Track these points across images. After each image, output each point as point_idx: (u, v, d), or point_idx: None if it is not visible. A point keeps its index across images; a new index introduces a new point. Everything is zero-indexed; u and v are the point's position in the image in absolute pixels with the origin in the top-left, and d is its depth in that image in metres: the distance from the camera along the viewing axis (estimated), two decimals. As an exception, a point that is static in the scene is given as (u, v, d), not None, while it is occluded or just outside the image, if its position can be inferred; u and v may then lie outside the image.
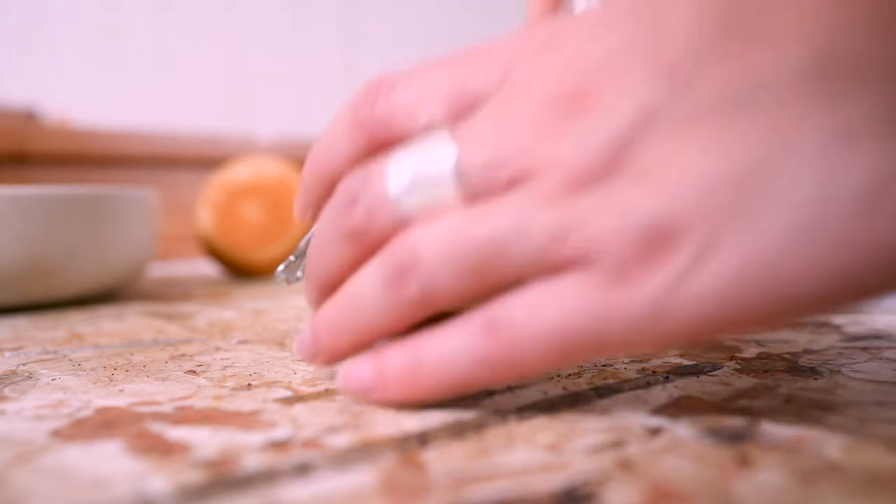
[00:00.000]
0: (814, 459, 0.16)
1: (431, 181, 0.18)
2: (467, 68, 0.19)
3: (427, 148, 0.18)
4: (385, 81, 0.20)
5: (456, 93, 0.19)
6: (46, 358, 0.27)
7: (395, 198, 0.18)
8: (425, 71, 0.20)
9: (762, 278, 0.14)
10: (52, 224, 0.39)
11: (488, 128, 0.17)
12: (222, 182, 0.58)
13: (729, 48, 0.15)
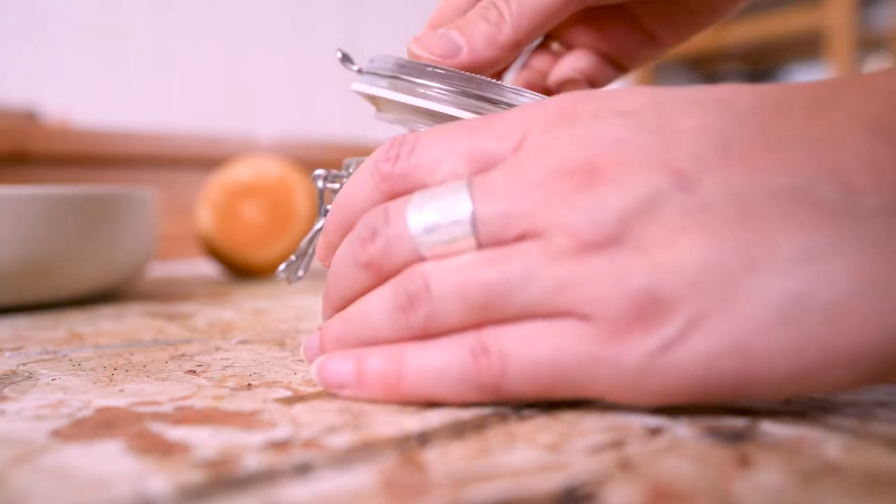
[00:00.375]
0: (814, 459, 0.16)
1: (448, 224, 0.20)
2: (485, 133, 0.21)
3: (446, 195, 0.20)
4: (408, 140, 0.22)
5: (473, 153, 0.21)
6: (46, 358, 0.27)
7: (413, 236, 0.20)
8: (445, 133, 0.22)
9: (737, 359, 0.17)
10: (52, 224, 0.39)
11: (504, 185, 0.19)
12: (222, 182, 0.58)
13: (727, 161, 0.18)
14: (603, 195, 0.18)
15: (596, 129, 0.19)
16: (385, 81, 0.26)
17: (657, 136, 0.19)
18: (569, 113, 0.20)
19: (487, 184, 0.20)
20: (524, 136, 0.20)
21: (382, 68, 0.26)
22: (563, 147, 0.19)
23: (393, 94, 0.26)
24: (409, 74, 0.25)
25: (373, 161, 0.22)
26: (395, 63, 0.26)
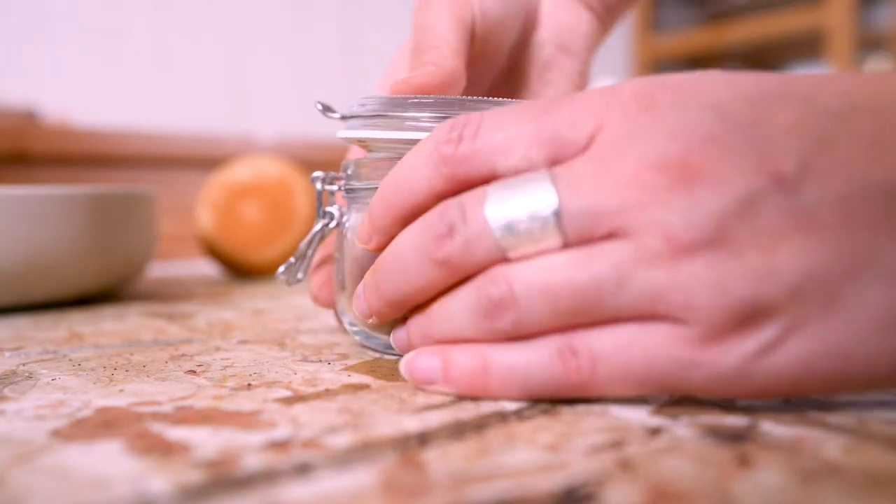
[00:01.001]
0: (814, 459, 0.16)
1: (531, 221, 0.19)
2: (555, 118, 0.20)
3: (527, 189, 0.19)
4: (471, 121, 0.21)
5: (545, 138, 0.20)
6: (46, 358, 0.27)
7: (495, 234, 0.20)
8: (509, 114, 0.21)
9: (835, 362, 0.17)
10: (52, 224, 0.39)
11: (591, 179, 0.19)
12: (222, 182, 0.58)
13: (827, 163, 0.17)
14: (700, 195, 0.17)
15: (684, 121, 0.18)
16: (371, 122, 0.26)
17: (752, 132, 0.18)
18: (647, 100, 0.19)
19: (572, 175, 0.19)
20: (600, 124, 0.19)
21: (365, 110, 0.26)
22: (652, 139, 0.18)
23: (382, 133, 0.26)
24: (393, 110, 0.26)
25: (432, 142, 0.21)
26: (377, 102, 0.26)
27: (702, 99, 0.19)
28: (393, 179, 0.22)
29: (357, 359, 0.26)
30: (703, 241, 0.17)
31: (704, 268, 0.17)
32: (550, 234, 0.19)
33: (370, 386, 0.22)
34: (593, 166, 0.19)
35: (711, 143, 0.18)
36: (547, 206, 0.19)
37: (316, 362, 0.26)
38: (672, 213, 0.18)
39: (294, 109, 1.76)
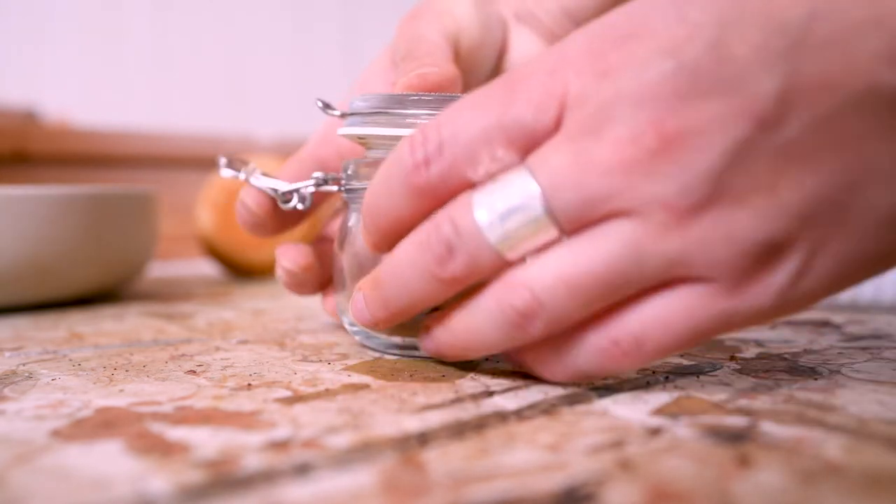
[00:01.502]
0: (814, 459, 0.16)
1: (523, 221, 0.19)
2: (516, 107, 0.19)
3: (510, 191, 0.19)
4: (429, 138, 0.20)
5: (511, 132, 0.19)
6: (46, 358, 0.27)
7: (494, 243, 0.19)
8: (467, 114, 0.20)
9: (860, 267, 0.18)
10: (52, 224, 0.39)
11: (572, 168, 0.18)
12: (222, 182, 0.58)
13: (801, 87, 0.17)
14: (686, 158, 0.17)
15: (645, 82, 0.18)
16: (371, 119, 0.26)
17: (718, 75, 0.17)
18: (601, 63, 0.18)
19: (551, 167, 0.18)
20: (562, 102, 0.19)
21: (365, 107, 0.26)
22: (620, 112, 0.18)
23: (382, 130, 0.26)
24: (393, 107, 0.26)
25: (399, 171, 0.21)
26: (377, 99, 0.26)
27: (656, 46, 0.18)
28: (372, 209, 0.22)
29: (357, 359, 0.27)
30: (703, 201, 0.18)
31: (713, 224, 0.18)
32: (545, 227, 0.19)
33: (370, 386, 0.22)
34: (571, 154, 0.18)
35: (681, 100, 0.17)
36: (534, 203, 0.19)
37: (316, 362, 0.26)
38: (664, 184, 0.18)
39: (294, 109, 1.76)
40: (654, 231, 0.18)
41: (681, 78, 0.18)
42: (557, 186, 0.18)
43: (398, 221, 0.22)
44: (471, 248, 0.20)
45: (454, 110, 0.20)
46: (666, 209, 0.18)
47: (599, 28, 0.19)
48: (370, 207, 0.23)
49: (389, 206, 0.22)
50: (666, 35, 0.18)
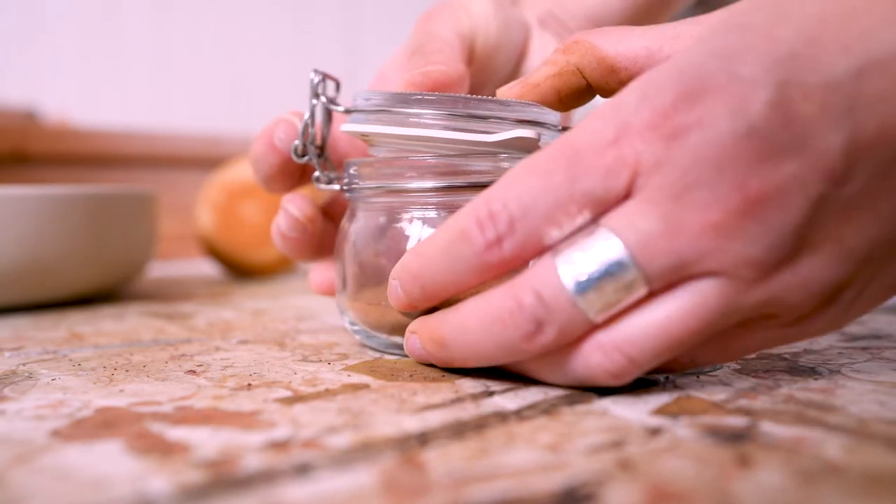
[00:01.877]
0: (814, 459, 0.16)
1: (619, 287, 0.19)
2: (584, 175, 0.19)
3: (598, 257, 0.19)
4: (497, 216, 0.20)
5: (584, 201, 0.20)
6: (46, 358, 0.27)
7: (586, 310, 0.19)
8: (534, 186, 0.20)
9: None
10: (52, 224, 0.39)
11: (661, 236, 0.19)
12: (222, 182, 0.58)
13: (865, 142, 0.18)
14: (770, 218, 0.18)
15: (720, 147, 0.18)
16: (375, 117, 0.26)
17: (788, 134, 0.18)
18: (667, 127, 0.19)
19: (642, 234, 0.19)
20: (634, 169, 0.19)
21: (370, 104, 0.26)
22: (701, 177, 0.18)
23: (386, 128, 0.26)
24: (397, 106, 0.26)
25: (467, 250, 0.21)
26: (381, 97, 0.26)
27: (720, 107, 0.18)
28: (426, 279, 0.22)
29: (357, 359, 0.26)
30: (786, 256, 0.19)
31: (792, 274, 0.19)
32: (637, 289, 0.19)
33: (370, 386, 0.22)
34: (660, 219, 0.19)
35: (759, 162, 0.18)
36: (626, 267, 0.19)
37: (316, 362, 0.26)
38: (752, 243, 0.19)
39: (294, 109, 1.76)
40: (742, 286, 0.19)
41: (755, 140, 0.18)
42: (650, 250, 0.19)
43: (458, 288, 0.22)
44: (562, 320, 0.20)
45: (517, 181, 0.20)
46: (753, 266, 0.19)
47: (652, 88, 0.19)
48: (422, 277, 0.22)
49: (449, 279, 0.22)
50: (725, 95, 0.18)
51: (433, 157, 0.25)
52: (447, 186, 0.25)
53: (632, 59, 0.23)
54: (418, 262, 0.22)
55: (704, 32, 0.20)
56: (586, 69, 0.25)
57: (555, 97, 0.26)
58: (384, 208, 0.27)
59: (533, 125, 0.25)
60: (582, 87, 0.25)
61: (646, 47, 0.23)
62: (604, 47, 0.24)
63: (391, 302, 0.24)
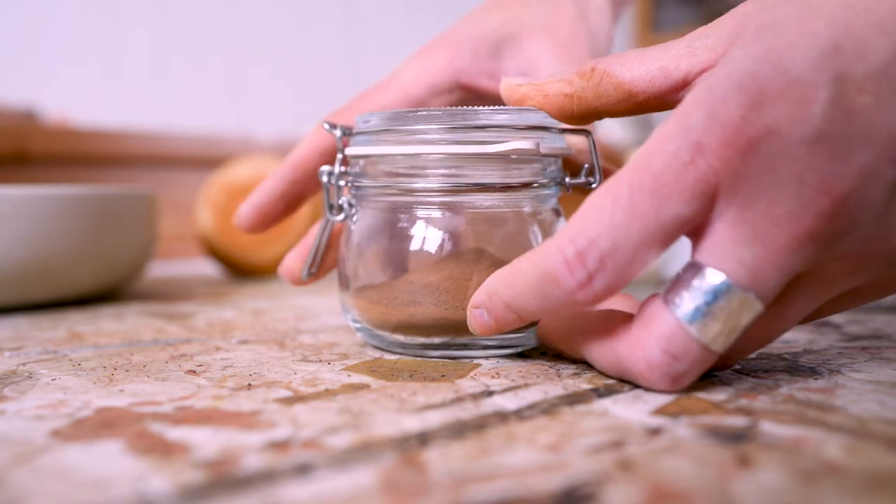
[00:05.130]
0: (814, 459, 0.16)
1: (742, 316, 0.20)
2: (667, 202, 0.20)
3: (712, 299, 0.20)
4: (587, 255, 0.20)
5: (669, 231, 0.20)
6: (46, 358, 0.27)
7: (716, 348, 0.20)
8: (620, 220, 0.20)
9: None
10: (52, 224, 0.39)
11: (765, 253, 0.19)
12: (222, 182, 0.58)
13: None
14: (857, 213, 0.19)
15: (798, 156, 0.19)
16: (376, 137, 0.26)
17: (854, 130, 0.19)
18: (739, 141, 0.19)
19: (746, 262, 0.19)
20: (714, 187, 0.19)
21: (370, 126, 0.27)
22: (785, 188, 0.19)
23: (388, 148, 0.26)
24: (397, 124, 0.26)
25: (558, 291, 0.21)
26: (380, 118, 0.26)
27: (784, 114, 0.19)
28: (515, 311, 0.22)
29: (357, 359, 0.27)
30: (874, 242, 0.20)
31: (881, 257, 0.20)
32: (756, 310, 0.20)
33: (370, 386, 0.22)
34: (757, 241, 0.19)
35: (835, 163, 0.19)
36: (746, 301, 0.20)
37: (316, 362, 0.26)
38: (844, 241, 0.19)
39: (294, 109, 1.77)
40: (839, 278, 0.20)
41: (826, 142, 0.19)
42: (760, 275, 0.19)
43: (552, 314, 0.23)
44: (696, 365, 0.20)
45: (601, 214, 0.20)
46: (848, 260, 0.20)
47: (716, 104, 0.19)
48: (514, 307, 0.22)
49: (542, 311, 0.22)
50: (785, 100, 0.19)
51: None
52: (451, 186, 0.25)
53: (648, 82, 0.23)
54: (509, 295, 0.22)
55: (731, 40, 0.21)
56: (602, 96, 0.25)
57: (556, 112, 0.26)
58: (388, 207, 0.27)
59: (534, 130, 0.26)
60: (589, 111, 0.25)
61: (661, 67, 0.23)
62: (620, 74, 0.24)
63: (475, 328, 0.24)
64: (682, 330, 0.20)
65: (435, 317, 0.26)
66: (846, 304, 0.23)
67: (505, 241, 0.26)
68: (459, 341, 0.26)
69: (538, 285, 0.21)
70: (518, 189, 0.26)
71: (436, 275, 0.26)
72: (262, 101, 1.73)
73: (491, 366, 0.25)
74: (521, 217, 0.27)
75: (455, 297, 0.25)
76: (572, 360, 0.26)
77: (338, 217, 0.28)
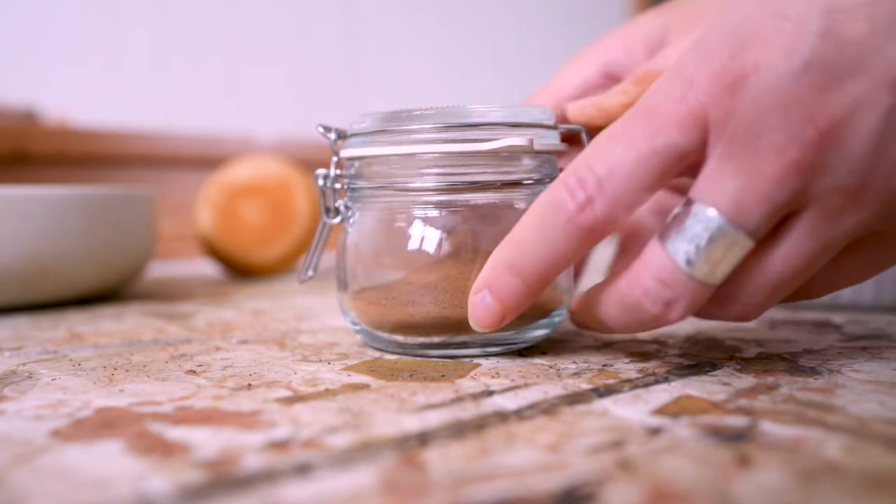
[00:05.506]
0: (814, 459, 0.16)
1: (728, 249, 0.20)
2: (661, 130, 0.21)
3: (699, 229, 0.20)
4: (585, 179, 0.21)
5: (664, 158, 0.21)
6: (46, 358, 0.27)
7: (705, 279, 0.21)
8: (616, 148, 0.21)
9: None
10: (52, 224, 0.39)
11: (750, 185, 0.20)
12: (222, 182, 0.58)
13: None
14: (846, 143, 0.19)
15: (782, 87, 0.19)
16: (371, 138, 0.27)
17: (843, 55, 0.18)
18: (727, 79, 0.20)
19: (732, 194, 0.20)
20: (704, 122, 0.20)
21: (366, 127, 0.27)
22: (770, 121, 0.19)
23: (382, 149, 0.26)
24: (392, 124, 0.26)
25: (560, 216, 0.22)
26: (375, 119, 0.27)
27: (774, 50, 0.19)
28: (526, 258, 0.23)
29: (357, 359, 0.27)
30: (869, 172, 0.19)
31: (883, 188, 0.19)
32: (744, 245, 0.20)
33: (370, 386, 0.22)
34: (743, 173, 0.20)
35: (822, 92, 0.19)
36: (727, 229, 0.20)
37: (316, 362, 0.26)
38: (834, 172, 0.19)
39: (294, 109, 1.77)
40: (837, 213, 0.20)
41: (813, 73, 0.19)
42: (744, 208, 0.20)
43: (556, 266, 0.23)
44: (686, 294, 0.21)
45: (598, 147, 0.22)
46: (841, 193, 0.19)
47: (708, 46, 0.20)
48: (518, 263, 0.23)
49: (545, 256, 0.23)
50: (776, 37, 0.19)
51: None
52: (446, 185, 0.25)
53: None
54: (512, 250, 0.23)
55: None
56: None
57: None
58: (386, 207, 0.27)
59: (528, 127, 0.26)
60: None
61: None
62: None
63: (478, 319, 0.24)
64: (670, 260, 0.21)
65: (434, 316, 0.26)
66: (873, 257, 0.22)
67: (502, 238, 0.26)
68: (458, 340, 0.26)
69: (540, 219, 0.22)
70: (513, 186, 0.26)
71: (434, 274, 0.26)
72: (262, 101, 1.73)
73: (491, 366, 0.25)
74: (518, 214, 0.27)
75: (453, 295, 0.25)
76: (572, 360, 0.26)
77: (334, 220, 0.28)
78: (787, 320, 0.33)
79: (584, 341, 0.29)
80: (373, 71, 1.82)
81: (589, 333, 0.30)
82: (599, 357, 0.26)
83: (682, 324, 0.33)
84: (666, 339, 0.29)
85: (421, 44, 1.87)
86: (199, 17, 1.67)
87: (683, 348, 0.27)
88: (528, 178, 0.26)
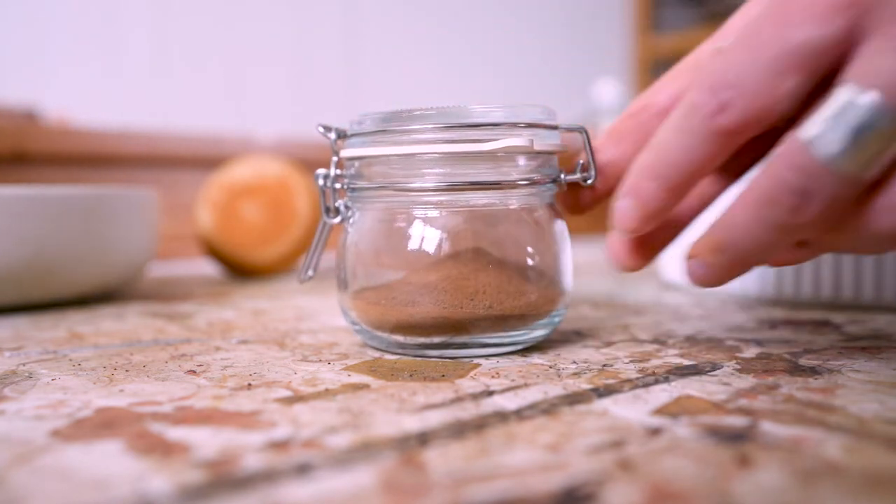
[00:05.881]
0: (814, 459, 0.16)
1: (880, 137, 0.18)
2: (797, 26, 0.20)
3: (848, 114, 0.19)
4: (717, 85, 0.21)
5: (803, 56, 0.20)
6: (46, 358, 0.27)
7: (851, 170, 0.19)
8: (747, 54, 0.20)
9: None
10: (52, 224, 0.39)
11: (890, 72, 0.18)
12: (222, 182, 0.58)
13: None
14: None
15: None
16: (372, 138, 0.27)
17: None
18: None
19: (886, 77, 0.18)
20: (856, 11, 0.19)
21: (366, 127, 0.27)
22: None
23: (382, 149, 0.26)
24: (392, 125, 0.26)
25: (697, 121, 0.21)
26: (374, 119, 0.27)
27: None
28: (665, 165, 0.22)
29: (357, 359, 0.27)
30: None
31: None
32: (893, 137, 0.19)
33: (370, 386, 0.22)
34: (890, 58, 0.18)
35: None
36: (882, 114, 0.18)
37: (316, 362, 0.26)
38: None
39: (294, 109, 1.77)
40: None
41: None
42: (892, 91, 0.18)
43: (695, 172, 0.22)
44: (827, 185, 0.19)
45: (729, 55, 0.21)
46: None
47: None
48: (658, 166, 0.22)
49: (684, 158, 0.22)
50: None
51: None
52: (446, 185, 0.26)
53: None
54: (652, 155, 0.23)
55: None
56: None
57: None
58: (386, 207, 0.27)
59: (528, 127, 0.26)
60: None
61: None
62: None
63: (620, 227, 0.24)
64: (811, 149, 0.19)
65: (434, 316, 0.26)
66: None
67: (502, 238, 0.26)
68: (458, 340, 0.26)
69: (679, 123, 0.22)
70: (514, 186, 0.26)
71: (434, 274, 0.26)
72: (262, 101, 1.73)
73: (491, 366, 0.25)
74: (518, 214, 0.27)
75: (453, 295, 0.25)
76: (572, 360, 0.26)
77: (334, 219, 0.28)
78: (788, 320, 0.33)
79: (584, 341, 0.29)
80: (373, 71, 1.82)
81: (589, 334, 0.30)
82: (599, 357, 0.26)
83: (683, 324, 0.33)
84: (666, 339, 0.29)
85: (421, 44, 1.87)
86: (199, 17, 1.67)
87: (683, 348, 0.27)
88: (529, 177, 0.26)
